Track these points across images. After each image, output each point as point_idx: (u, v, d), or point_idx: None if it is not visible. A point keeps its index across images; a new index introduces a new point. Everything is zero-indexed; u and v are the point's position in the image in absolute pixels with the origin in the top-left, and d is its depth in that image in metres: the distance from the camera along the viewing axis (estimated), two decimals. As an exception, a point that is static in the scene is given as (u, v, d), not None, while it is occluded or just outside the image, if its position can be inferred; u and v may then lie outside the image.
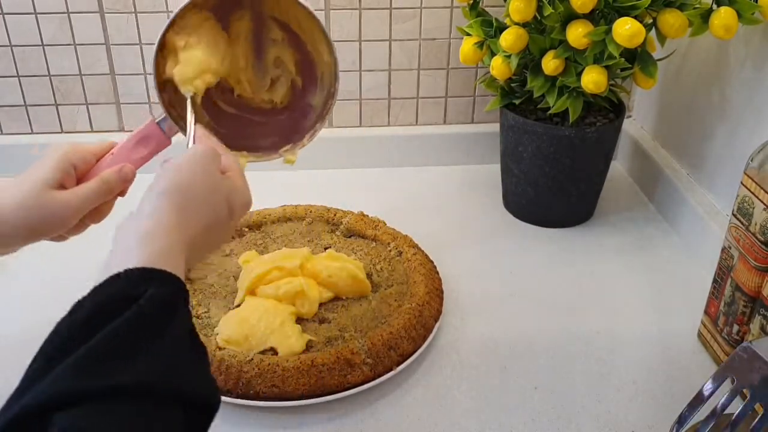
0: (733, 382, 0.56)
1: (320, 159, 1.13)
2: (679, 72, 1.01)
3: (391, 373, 0.72)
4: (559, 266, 0.92)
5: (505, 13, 0.87)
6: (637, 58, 0.87)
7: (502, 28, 0.89)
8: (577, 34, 0.82)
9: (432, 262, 0.87)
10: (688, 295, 0.86)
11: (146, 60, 1.05)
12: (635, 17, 0.80)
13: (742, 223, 0.69)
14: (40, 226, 0.60)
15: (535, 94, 0.90)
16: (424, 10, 1.05)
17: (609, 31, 0.81)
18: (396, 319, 0.75)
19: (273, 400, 0.69)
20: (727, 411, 0.56)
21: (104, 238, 0.98)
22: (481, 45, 0.92)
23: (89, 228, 0.69)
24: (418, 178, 1.12)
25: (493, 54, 0.91)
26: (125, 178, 0.65)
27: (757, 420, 0.55)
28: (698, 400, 0.57)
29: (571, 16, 0.83)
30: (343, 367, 0.70)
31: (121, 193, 0.66)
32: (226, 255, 0.87)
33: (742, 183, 0.69)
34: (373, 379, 0.71)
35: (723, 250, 0.73)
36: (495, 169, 1.06)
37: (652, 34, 0.86)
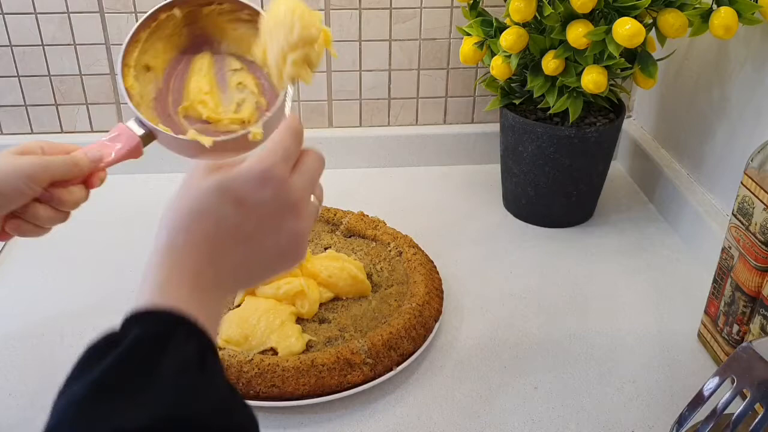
0: (733, 382, 0.56)
1: (320, 159, 1.13)
2: (679, 72, 1.01)
3: (391, 373, 0.72)
4: (559, 266, 0.92)
5: (505, 13, 0.87)
6: (637, 58, 0.87)
7: (502, 28, 0.89)
8: (577, 34, 0.82)
9: (432, 262, 0.87)
10: (688, 295, 0.86)
11: (146, 60, 1.05)
12: (635, 17, 0.79)
13: (742, 223, 0.69)
14: None
15: (535, 94, 0.90)
16: (424, 10, 1.05)
17: (609, 31, 0.81)
18: (396, 319, 0.75)
19: (273, 400, 0.69)
20: (727, 411, 0.56)
21: (98, 240, 0.98)
22: (481, 45, 0.92)
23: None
24: (418, 178, 1.12)
25: (493, 54, 0.91)
26: (93, 160, 0.64)
27: (757, 420, 0.55)
28: (698, 400, 0.57)
29: (571, 16, 0.83)
30: (343, 367, 0.70)
31: (91, 183, 0.65)
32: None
33: (742, 183, 0.69)
34: (373, 379, 0.71)
35: (723, 250, 0.73)
36: (495, 169, 1.06)
37: (652, 34, 0.86)
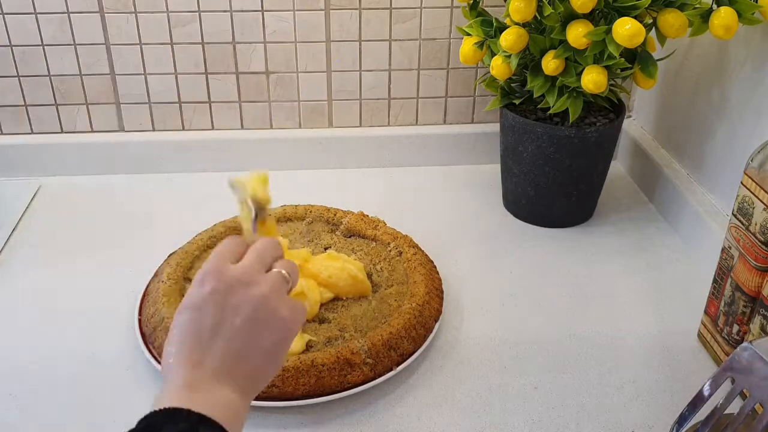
0: (733, 382, 0.56)
1: (320, 159, 1.13)
2: (679, 72, 1.01)
3: (391, 373, 0.72)
4: (559, 266, 0.92)
5: (505, 13, 0.87)
6: (637, 58, 0.87)
7: (502, 28, 0.89)
8: (577, 34, 0.82)
9: (432, 262, 0.87)
10: (688, 295, 0.86)
11: (146, 60, 1.05)
12: (635, 17, 0.79)
13: (742, 223, 0.69)
14: None
15: (535, 94, 0.90)
16: (424, 10, 1.05)
17: (609, 31, 0.80)
18: (396, 319, 0.75)
19: (273, 400, 0.69)
20: (727, 411, 0.56)
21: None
22: (481, 45, 0.92)
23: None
24: (418, 178, 1.12)
25: (493, 54, 0.91)
26: None
27: (756, 420, 0.55)
28: (698, 400, 0.57)
29: (571, 16, 0.83)
30: (343, 367, 0.70)
31: None
32: (226, 255, 0.87)
33: (742, 183, 0.69)
34: (373, 379, 0.71)
35: (723, 250, 0.73)
36: (495, 169, 1.06)
37: (652, 34, 0.86)
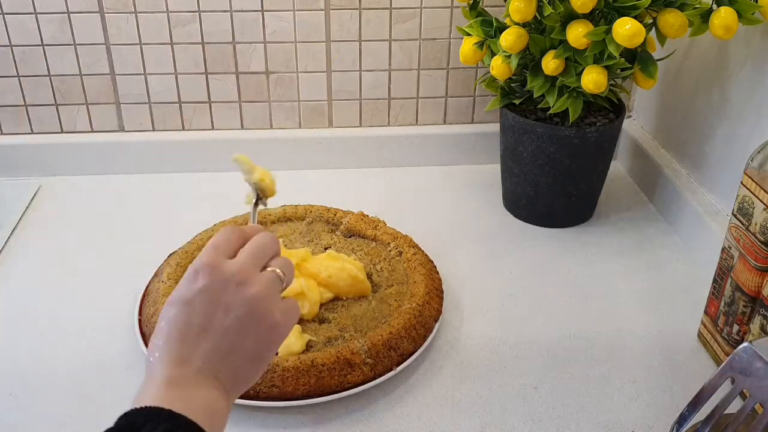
0: (733, 382, 0.56)
1: (320, 159, 1.13)
2: (679, 72, 1.01)
3: (391, 373, 0.72)
4: (560, 266, 0.92)
5: (505, 13, 0.87)
6: (637, 58, 0.87)
7: (502, 28, 0.89)
8: (577, 34, 0.82)
9: (432, 262, 0.87)
10: (688, 294, 0.86)
11: (146, 60, 1.05)
12: (635, 17, 0.79)
13: (742, 223, 0.69)
14: None
15: (535, 94, 0.90)
16: (424, 10, 1.05)
17: (609, 31, 0.80)
18: (396, 319, 0.75)
19: (273, 400, 0.69)
20: (727, 411, 0.56)
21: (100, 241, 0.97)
22: (481, 45, 0.92)
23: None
24: (418, 178, 1.12)
25: (493, 54, 0.91)
26: None
27: (756, 420, 0.55)
28: (698, 400, 0.57)
29: (571, 16, 0.83)
30: (343, 367, 0.70)
31: None
32: (226, 255, 0.87)
33: (742, 183, 0.69)
34: (373, 379, 0.71)
35: (723, 250, 0.73)
36: (495, 169, 1.06)
37: (652, 34, 0.86)
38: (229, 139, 1.11)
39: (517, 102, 0.95)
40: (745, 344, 0.56)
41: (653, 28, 0.84)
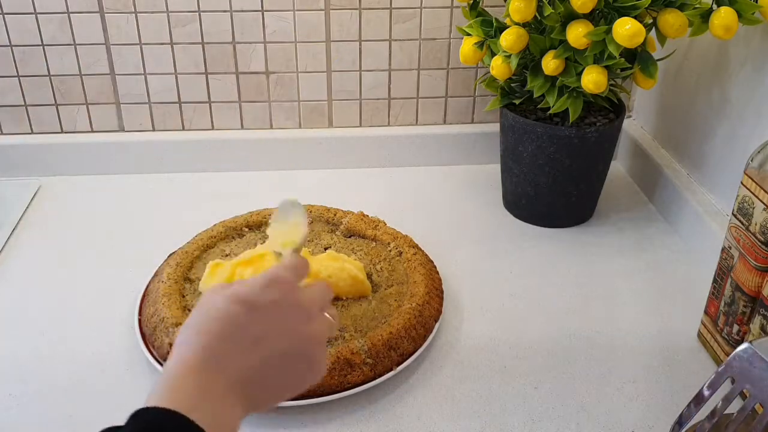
0: (733, 382, 0.56)
1: (320, 159, 1.13)
2: (679, 72, 1.01)
3: (391, 373, 0.72)
4: (560, 266, 0.92)
5: (505, 13, 0.87)
6: (637, 58, 0.87)
7: (502, 28, 0.89)
8: (577, 34, 0.82)
9: (432, 262, 0.87)
10: (688, 295, 0.86)
11: (146, 60, 1.05)
12: (635, 17, 0.79)
13: (742, 223, 0.69)
14: None
15: (535, 94, 0.90)
16: (424, 10, 1.05)
17: (609, 31, 0.80)
18: (396, 319, 0.75)
19: (273, 400, 0.69)
20: (727, 411, 0.56)
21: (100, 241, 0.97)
22: (481, 45, 0.92)
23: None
24: (418, 178, 1.12)
25: (493, 54, 0.91)
26: None
27: (756, 420, 0.55)
28: (698, 400, 0.57)
29: (571, 16, 0.83)
30: (343, 367, 0.70)
31: None
32: (226, 255, 0.87)
33: (742, 183, 0.69)
34: (373, 379, 0.71)
35: (723, 250, 0.73)
36: (495, 169, 1.06)
37: (652, 34, 0.86)
38: (229, 139, 1.11)
39: (517, 102, 0.95)
40: (745, 344, 0.56)
41: (653, 28, 0.84)
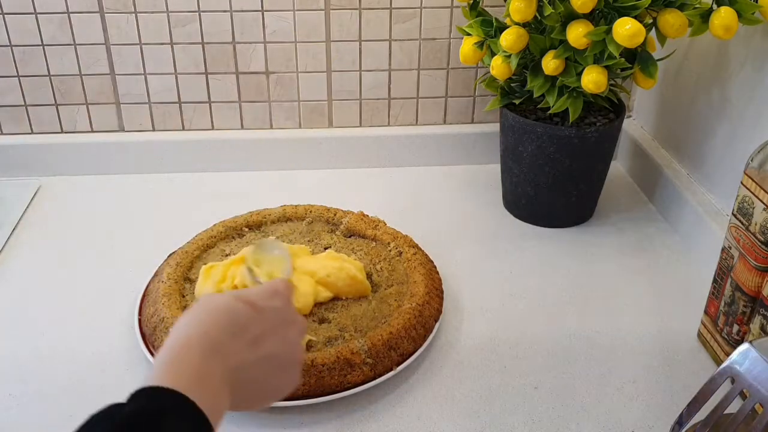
0: (733, 382, 0.56)
1: (320, 159, 1.13)
2: (679, 72, 1.01)
3: (391, 373, 0.72)
4: (559, 266, 0.92)
5: (505, 13, 0.87)
6: (637, 58, 0.87)
7: (502, 28, 0.89)
8: (577, 34, 0.82)
9: (432, 262, 0.87)
10: (688, 295, 0.86)
11: (146, 60, 1.05)
12: (635, 17, 0.79)
13: (742, 223, 0.69)
14: None
15: (535, 94, 0.90)
16: (424, 10, 1.05)
17: (609, 31, 0.81)
18: (396, 319, 0.75)
19: (273, 400, 0.69)
20: (727, 411, 0.56)
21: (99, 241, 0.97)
22: (481, 45, 0.92)
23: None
24: (418, 178, 1.12)
25: (493, 54, 0.91)
26: None
27: (756, 420, 0.55)
28: (698, 400, 0.57)
29: (571, 16, 0.83)
30: (343, 367, 0.70)
31: None
32: (226, 255, 0.87)
33: (742, 183, 0.69)
34: (373, 379, 0.71)
35: (723, 250, 0.73)
36: (495, 169, 1.06)
37: (652, 34, 0.86)
38: (229, 139, 1.11)
39: (517, 102, 0.95)
40: (745, 344, 0.56)
41: (653, 28, 0.84)
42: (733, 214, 0.71)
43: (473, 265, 0.91)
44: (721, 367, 0.57)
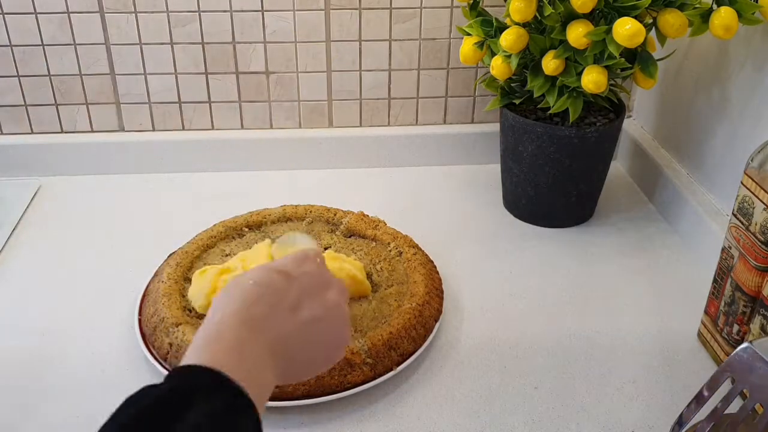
0: (733, 382, 0.56)
1: (320, 159, 1.13)
2: (679, 72, 1.01)
3: (391, 373, 0.72)
4: (559, 266, 0.92)
5: (505, 13, 0.87)
6: (637, 58, 0.87)
7: (502, 28, 0.89)
8: (577, 34, 0.82)
9: (432, 262, 0.87)
10: (688, 295, 0.86)
11: (146, 60, 1.05)
12: (635, 17, 0.79)
13: (742, 223, 0.69)
14: None
15: (535, 94, 0.90)
16: (424, 10, 1.05)
17: (609, 31, 0.81)
18: (396, 319, 0.75)
19: (273, 400, 0.69)
20: (727, 411, 0.56)
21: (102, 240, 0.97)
22: (481, 45, 0.92)
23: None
24: (418, 178, 1.12)
25: (493, 54, 0.91)
26: None
27: (757, 420, 0.55)
28: (698, 400, 0.57)
29: (571, 16, 0.83)
30: (343, 367, 0.70)
31: None
32: (226, 255, 0.87)
33: (742, 183, 0.69)
34: (373, 379, 0.71)
35: (723, 250, 0.73)
36: (495, 169, 1.06)
37: (652, 34, 0.86)
38: (229, 139, 1.11)
39: (517, 102, 0.95)
40: (745, 344, 0.56)
41: (653, 28, 0.84)
42: (733, 214, 0.71)
43: (473, 265, 0.91)
44: (721, 367, 0.57)
